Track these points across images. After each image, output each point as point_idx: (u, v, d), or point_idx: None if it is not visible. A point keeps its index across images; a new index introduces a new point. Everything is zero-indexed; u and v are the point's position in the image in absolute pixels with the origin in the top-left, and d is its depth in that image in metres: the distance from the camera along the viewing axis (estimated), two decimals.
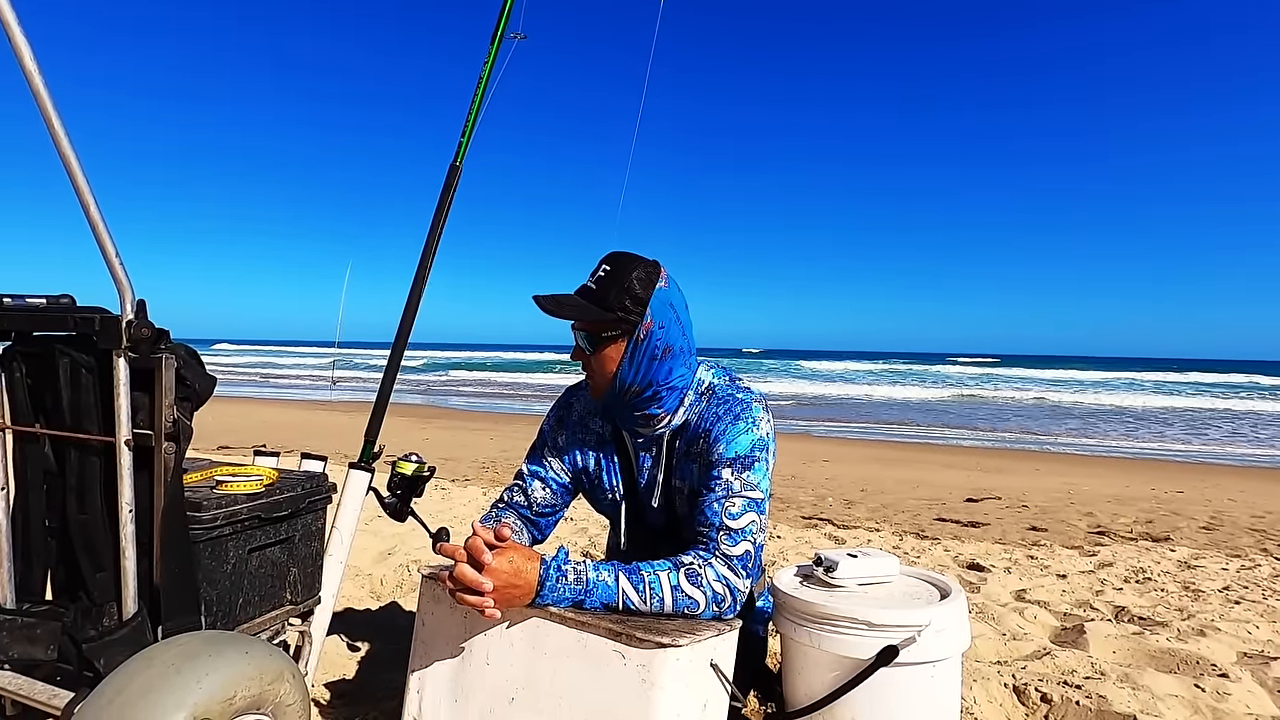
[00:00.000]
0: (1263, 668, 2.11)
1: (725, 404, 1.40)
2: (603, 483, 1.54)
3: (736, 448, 1.36)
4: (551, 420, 1.61)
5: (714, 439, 1.37)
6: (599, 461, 1.54)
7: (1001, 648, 2.27)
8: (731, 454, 1.35)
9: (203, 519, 1.31)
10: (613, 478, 1.53)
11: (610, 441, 1.53)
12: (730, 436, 1.36)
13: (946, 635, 1.24)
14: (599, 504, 1.59)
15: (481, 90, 1.77)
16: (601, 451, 1.53)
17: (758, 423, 1.38)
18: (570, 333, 1.45)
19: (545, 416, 1.63)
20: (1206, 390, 23.84)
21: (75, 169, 1.10)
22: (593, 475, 1.55)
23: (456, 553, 1.22)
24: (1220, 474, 7.95)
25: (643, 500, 1.51)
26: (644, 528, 1.53)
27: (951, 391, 21.63)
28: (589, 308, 1.37)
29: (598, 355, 1.40)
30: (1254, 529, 4.80)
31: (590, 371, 1.44)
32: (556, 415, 1.60)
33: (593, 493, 1.58)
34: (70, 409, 1.25)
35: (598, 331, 1.39)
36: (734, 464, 1.34)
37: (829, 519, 4.77)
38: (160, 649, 1.13)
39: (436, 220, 1.75)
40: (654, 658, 1.12)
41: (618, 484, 1.53)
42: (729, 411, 1.39)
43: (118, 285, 1.14)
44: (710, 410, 1.41)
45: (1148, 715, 1.74)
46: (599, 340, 1.39)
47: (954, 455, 9.22)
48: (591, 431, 1.55)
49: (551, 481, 1.56)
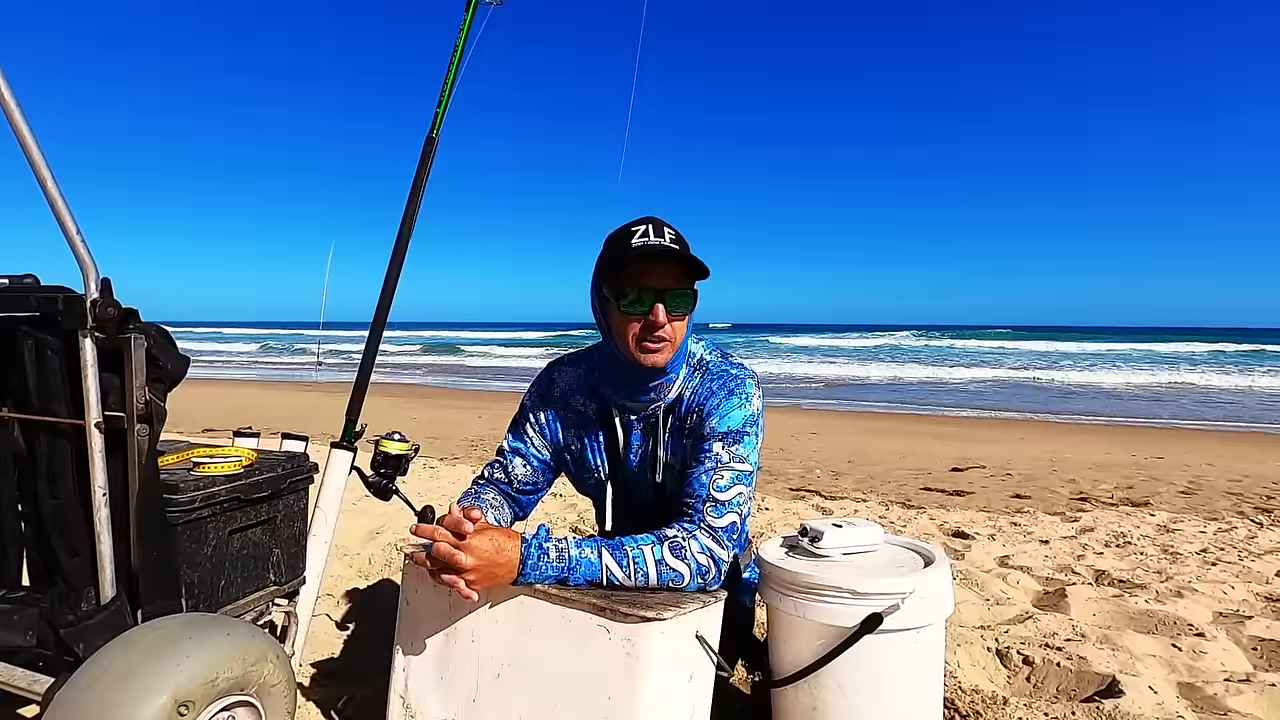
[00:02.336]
0: (1238, 627, 2.15)
1: (719, 379, 1.40)
2: (586, 462, 1.51)
3: (729, 422, 1.36)
4: (533, 396, 1.56)
5: (707, 413, 1.37)
6: (581, 440, 1.51)
7: (985, 613, 2.31)
8: (724, 428, 1.35)
9: (180, 501, 1.29)
10: (597, 457, 1.50)
11: (595, 421, 1.49)
12: (724, 411, 1.36)
13: (930, 602, 1.25)
14: (582, 484, 1.57)
15: (457, 59, 1.72)
16: (584, 430, 1.50)
17: (750, 398, 1.39)
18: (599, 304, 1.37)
19: (526, 392, 1.59)
20: (1185, 359, 24.18)
21: (30, 143, 1.06)
22: (575, 454, 1.53)
23: (435, 532, 1.20)
24: (1199, 439, 8.08)
25: (630, 479, 1.49)
26: (630, 507, 1.51)
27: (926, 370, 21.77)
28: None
29: (686, 318, 1.35)
30: (1231, 492, 4.90)
31: (669, 338, 1.33)
32: (539, 391, 1.56)
33: (575, 472, 1.55)
34: (37, 392, 1.22)
35: (696, 292, 1.35)
36: (725, 438, 1.34)
37: (816, 490, 4.81)
38: (140, 632, 1.12)
39: (414, 194, 1.71)
40: (639, 632, 1.12)
41: (602, 463, 1.50)
42: (723, 386, 1.39)
43: (80, 263, 1.11)
44: (704, 385, 1.40)
45: (1126, 675, 1.78)
46: (695, 302, 1.35)
47: (941, 425, 9.31)
48: (574, 409, 1.51)
49: (533, 458, 1.53)
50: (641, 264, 1.31)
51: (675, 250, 1.29)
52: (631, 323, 1.33)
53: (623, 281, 1.32)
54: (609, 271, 1.33)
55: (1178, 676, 1.85)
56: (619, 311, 1.33)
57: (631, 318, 1.32)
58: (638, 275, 1.31)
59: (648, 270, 1.31)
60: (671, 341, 1.34)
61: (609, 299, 1.35)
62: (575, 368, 1.54)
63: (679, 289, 1.32)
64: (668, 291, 1.31)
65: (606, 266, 1.35)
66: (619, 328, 1.35)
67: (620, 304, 1.32)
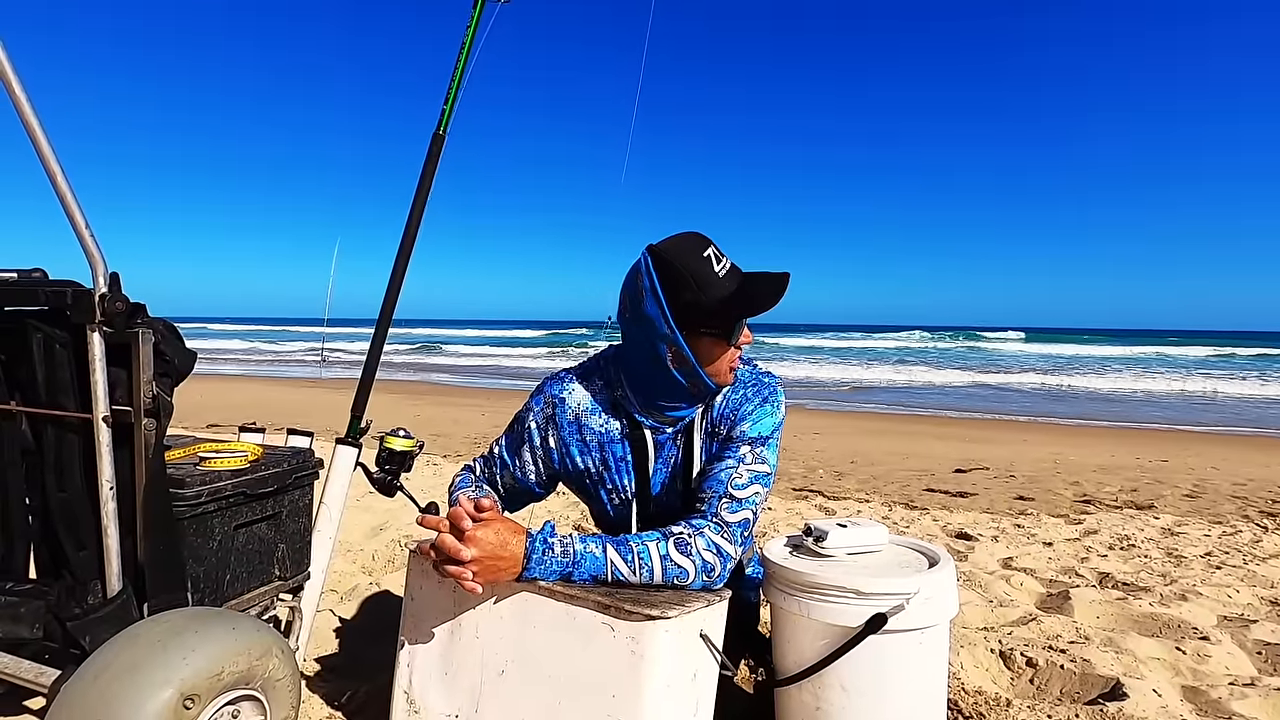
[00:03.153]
0: (1242, 630, 2.15)
1: (754, 386, 1.42)
2: (610, 483, 1.47)
3: (760, 428, 1.37)
4: (538, 418, 1.48)
5: (740, 418, 1.38)
6: (605, 462, 1.45)
7: (988, 614, 2.30)
8: (755, 433, 1.37)
9: (186, 496, 1.29)
10: (623, 477, 1.46)
11: (620, 440, 1.44)
12: (758, 417, 1.38)
13: (934, 603, 1.24)
14: (602, 504, 1.51)
15: (464, 56, 1.72)
16: (608, 450, 1.45)
17: (780, 405, 1.42)
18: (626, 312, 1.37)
19: (526, 409, 1.51)
20: (1192, 363, 24.07)
21: (40, 137, 1.06)
22: (595, 476, 1.47)
23: (440, 523, 1.20)
24: (1203, 442, 8.05)
25: (658, 493, 1.46)
26: (654, 520, 1.44)
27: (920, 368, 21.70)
28: None
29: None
30: (1235, 496, 4.88)
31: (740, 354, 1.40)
32: (545, 414, 1.48)
33: (595, 493, 1.50)
34: (45, 385, 1.22)
35: None
36: (754, 442, 1.36)
37: (819, 490, 4.81)
38: (146, 626, 1.13)
39: (420, 191, 1.71)
40: (643, 630, 1.12)
41: (629, 484, 1.46)
42: (757, 394, 1.41)
43: (89, 257, 1.11)
44: (736, 392, 1.41)
45: (1130, 678, 1.77)
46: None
47: (943, 426, 9.29)
48: (592, 430, 1.45)
49: (520, 480, 1.50)
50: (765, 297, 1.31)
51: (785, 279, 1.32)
52: (733, 350, 1.35)
53: (743, 311, 1.32)
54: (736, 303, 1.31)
55: (1182, 680, 1.85)
56: (723, 341, 1.33)
57: (728, 344, 1.34)
58: (755, 304, 1.32)
59: (764, 301, 1.32)
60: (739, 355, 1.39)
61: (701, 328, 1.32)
62: (587, 384, 1.48)
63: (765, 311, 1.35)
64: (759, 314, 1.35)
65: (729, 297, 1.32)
66: (712, 354, 1.34)
67: (731, 336, 1.33)
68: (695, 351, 1.32)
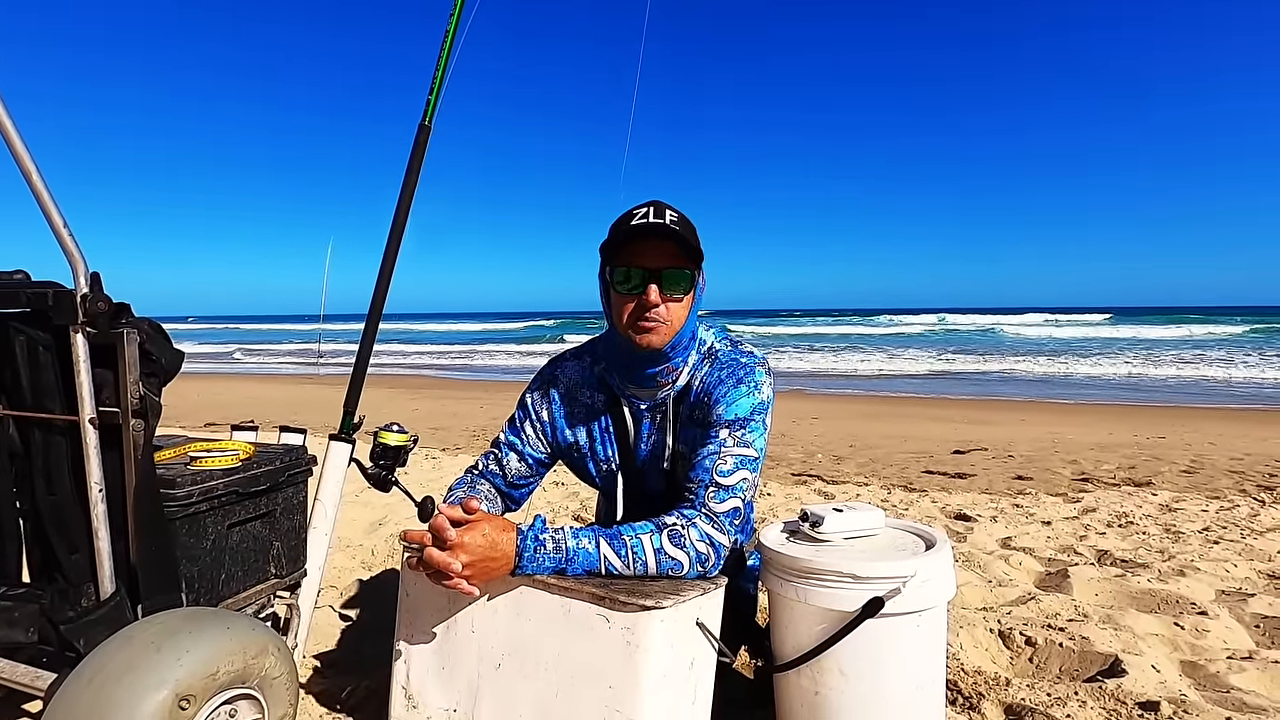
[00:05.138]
0: (1240, 604, 2.16)
1: (728, 367, 1.40)
2: (596, 454, 1.51)
3: (737, 410, 1.35)
4: (535, 393, 1.55)
5: (715, 400, 1.37)
6: (591, 434, 1.50)
7: (987, 594, 2.31)
8: (731, 416, 1.35)
9: (177, 496, 1.28)
10: (607, 448, 1.50)
11: (604, 412, 1.49)
12: (732, 399, 1.36)
13: (932, 585, 1.24)
14: (591, 477, 1.56)
15: (448, 45, 1.70)
16: (593, 422, 1.50)
17: (760, 386, 1.39)
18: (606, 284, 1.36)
19: (527, 387, 1.58)
20: (1188, 339, 24.13)
21: (13, 136, 1.04)
22: (584, 448, 1.52)
23: (423, 537, 1.19)
24: (1200, 418, 8.08)
25: (642, 469, 1.49)
26: (642, 498, 1.50)
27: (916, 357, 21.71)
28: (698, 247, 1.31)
29: (684, 300, 1.34)
30: (1233, 471, 4.90)
31: (667, 318, 1.32)
32: (540, 388, 1.55)
33: (583, 465, 1.54)
34: (31, 388, 1.21)
35: (694, 273, 1.34)
36: (732, 425, 1.34)
37: (818, 475, 4.82)
38: (140, 627, 1.12)
39: (407, 182, 1.69)
40: (638, 620, 1.12)
41: (613, 455, 1.50)
42: (732, 374, 1.39)
43: (69, 258, 1.10)
44: (713, 373, 1.40)
45: (1129, 654, 1.78)
46: (692, 283, 1.34)
47: (941, 408, 9.31)
48: (580, 403, 1.51)
49: (528, 455, 1.53)
50: (637, 243, 1.30)
51: (670, 229, 1.28)
52: (627, 302, 1.32)
53: (619, 261, 1.32)
54: (608, 251, 1.33)
55: (1180, 655, 1.86)
56: (616, 292, 1.34)
57: (626, 297, 1.32)
58: (633, 254, 1.31)
59: (643, 249, 1.30)
60: (667, 323, 1.33)
61: (608, 280, 1.36)
62: (578, 361, 1.54)
63: (674, 268, 1.31)
64: (662, 271, 1.30)
65: (606, 246, 1.34)
66: (616, 308, 1.35)
67: (615, 283, 1.32)
68: (611, 309, 1.37)
